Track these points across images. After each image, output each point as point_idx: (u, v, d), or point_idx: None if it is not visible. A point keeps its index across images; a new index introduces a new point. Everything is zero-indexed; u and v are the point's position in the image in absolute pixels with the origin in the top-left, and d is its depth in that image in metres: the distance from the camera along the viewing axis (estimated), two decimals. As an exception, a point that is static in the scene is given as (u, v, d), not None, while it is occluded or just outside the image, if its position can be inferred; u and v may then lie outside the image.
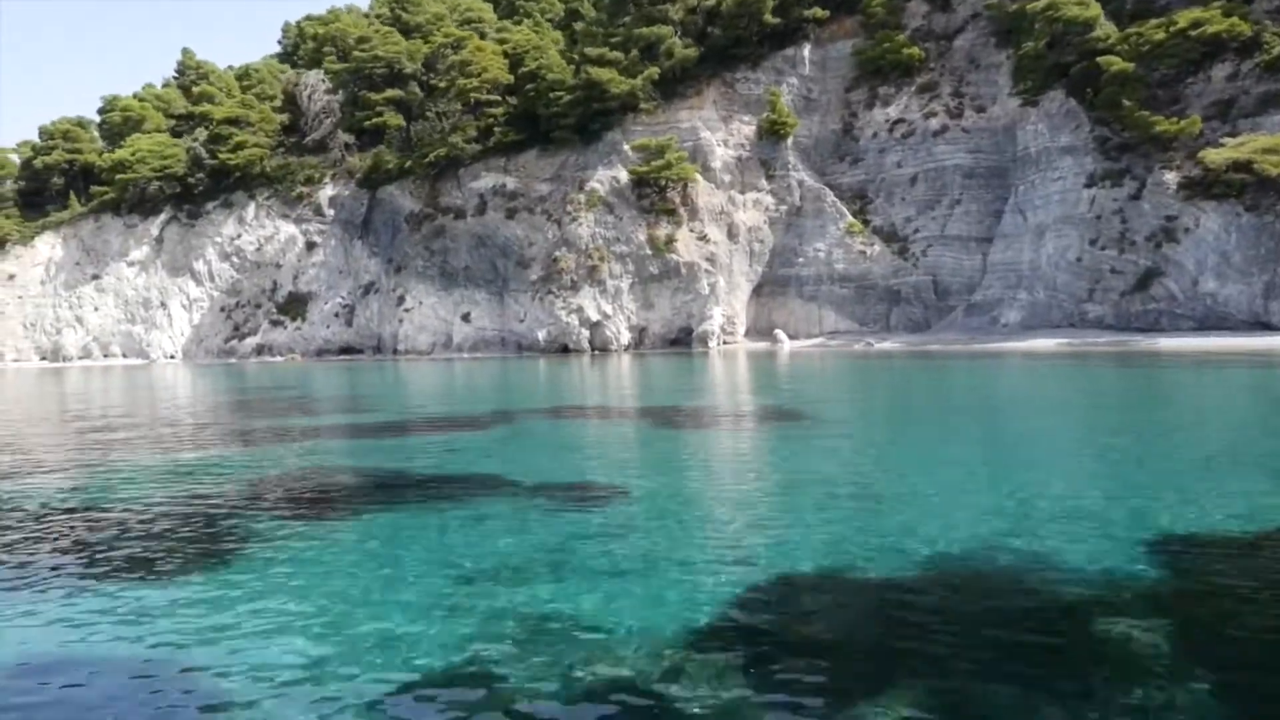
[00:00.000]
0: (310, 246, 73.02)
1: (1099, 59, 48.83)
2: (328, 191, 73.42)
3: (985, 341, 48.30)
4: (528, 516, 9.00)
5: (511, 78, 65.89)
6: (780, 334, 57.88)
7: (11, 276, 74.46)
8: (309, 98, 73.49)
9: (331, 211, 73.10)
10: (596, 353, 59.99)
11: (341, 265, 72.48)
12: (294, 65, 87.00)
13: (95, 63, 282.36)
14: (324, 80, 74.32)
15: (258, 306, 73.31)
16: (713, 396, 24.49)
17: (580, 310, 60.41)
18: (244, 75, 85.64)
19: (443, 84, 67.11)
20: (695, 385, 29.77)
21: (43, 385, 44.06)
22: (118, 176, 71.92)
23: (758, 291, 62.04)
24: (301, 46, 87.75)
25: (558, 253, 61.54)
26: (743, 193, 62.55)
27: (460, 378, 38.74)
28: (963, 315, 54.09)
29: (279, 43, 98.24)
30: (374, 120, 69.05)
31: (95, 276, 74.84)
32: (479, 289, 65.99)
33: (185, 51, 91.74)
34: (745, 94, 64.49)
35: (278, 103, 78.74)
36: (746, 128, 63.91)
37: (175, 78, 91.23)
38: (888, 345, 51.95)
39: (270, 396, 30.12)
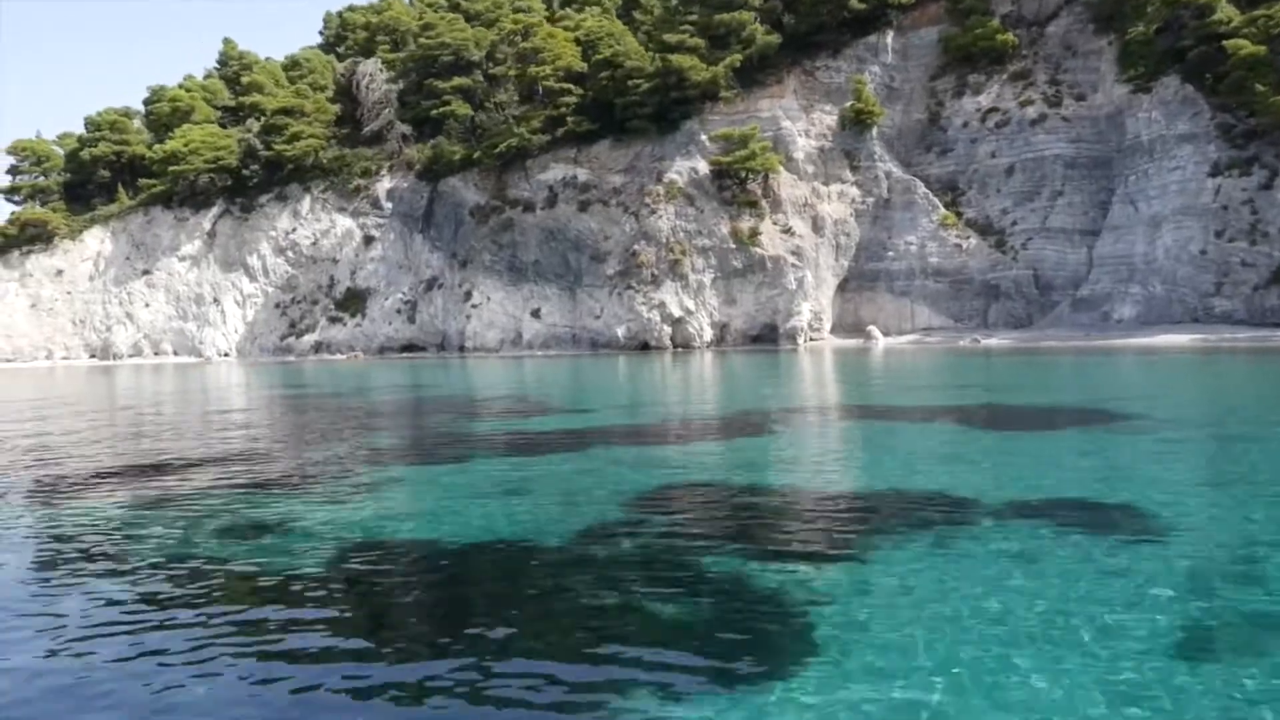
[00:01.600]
0: (368, 240, 70.82)
1: (1224, 43, 46.72)
2: (385, 184, 71.23)
3: (1102, 337, 46.19)
4: (1098, 554, 6.83)
5: (584, 65, 63.60)
6: (874, 330, 55.73)
7: (59, 272, 72.22)
8: (366, 87, 71.21)
9: (390, 204, 70.91)
10: (679, 350, 57.88)
11: (401, 260, 70.29)
12: (339, 55, 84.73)
13: (123, 57, 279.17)
14: (381, 69, 72.00)
15: (314, 303, 71.11)
16: (956, 395, 22.33)
17: (662, 306, 58.27)
18: (292, 66, 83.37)
19: (512, 72, 64.86)
20: (883, 382, 27.65)
21: (138, 384, 41.89)
22: (170, 168, 69.66)
23: (843, 287, 59.94)
24: (350, 36, 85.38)
25: (636, 246, 59.38)
26: (826, 184, 60.44)
27: (576, 376, 36.59)
28: (1069, 310, 51.98)
29: (320, 33, 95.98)
30: (440, 109, 66.77)
31: (146, 272, 72.60)
32: (549, 284, 63.81)
33: (227, 42, 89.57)
34: (826, 82, 62.41)
35: (329, 93, 76.53)
36: (828, 117, 61.82)
37: (217, 69, 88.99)
38: (995, 342, 49.88)
39: (424, 398, 27.96)
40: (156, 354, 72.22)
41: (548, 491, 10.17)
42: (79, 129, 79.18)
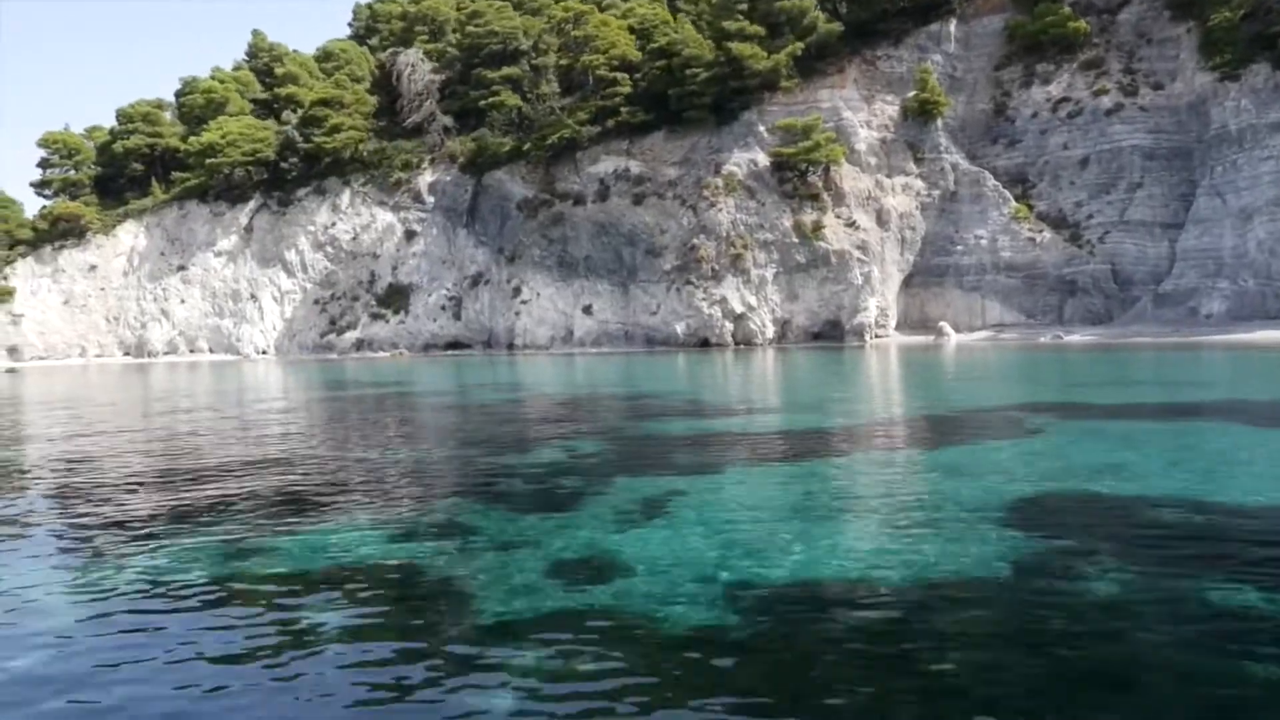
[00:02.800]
0: (410, 235, 69.01)
1: (1322, 27, 44.93)
2: (427, 177, 69.43)
3: (1191, 334, 44.39)
4: None
5: (639, 54, 61.78)
6: (945, 327, 53.94)
7: (93, 267, 70.39)
8: (409, 78, 69.35)
9: (432, 198, 69.10)
10: (740, 347, 56.10)
11: (444, 255, 68.48)
12: (370, 48, 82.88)
13: (146, 51, 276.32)
14: (422, 59, 70.16)
15: (355, 299, 69.29)
16: (1119, 392, 20.43)
17: (724, 301, 56.49)
18: (324, 57, 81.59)
19: (562, 61, 63.02)
20: (1029, 379, 25.83)
21: (191, 383, 40.06)
22: (207, 161, 67.83)
23: (907, 282, 58.17)
24: (385, 27, 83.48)
25: (695, 240, 57.57)
26: (889, 176, 58.64)
27: (681, 373, 34.76)
28: (1152, 306, 50.19)
29: (349, 25, 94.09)
30: (489, 100, 64.92)
31: (181, 267, 70.78)
32: (601, 279, 62.00)
33: (256, 34, 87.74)
34: (887, 72, 60.66)
35: (365, 85, 74.72)
36: (889, 108, 60.04)
37: (246, 61, 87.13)
38: (1076, 338, 48.09)
39: (553, 396, 26.15)
40: (192, 351, 70.41)
41: (906, 509, 8.32)
42: (99, 123, 77.22)
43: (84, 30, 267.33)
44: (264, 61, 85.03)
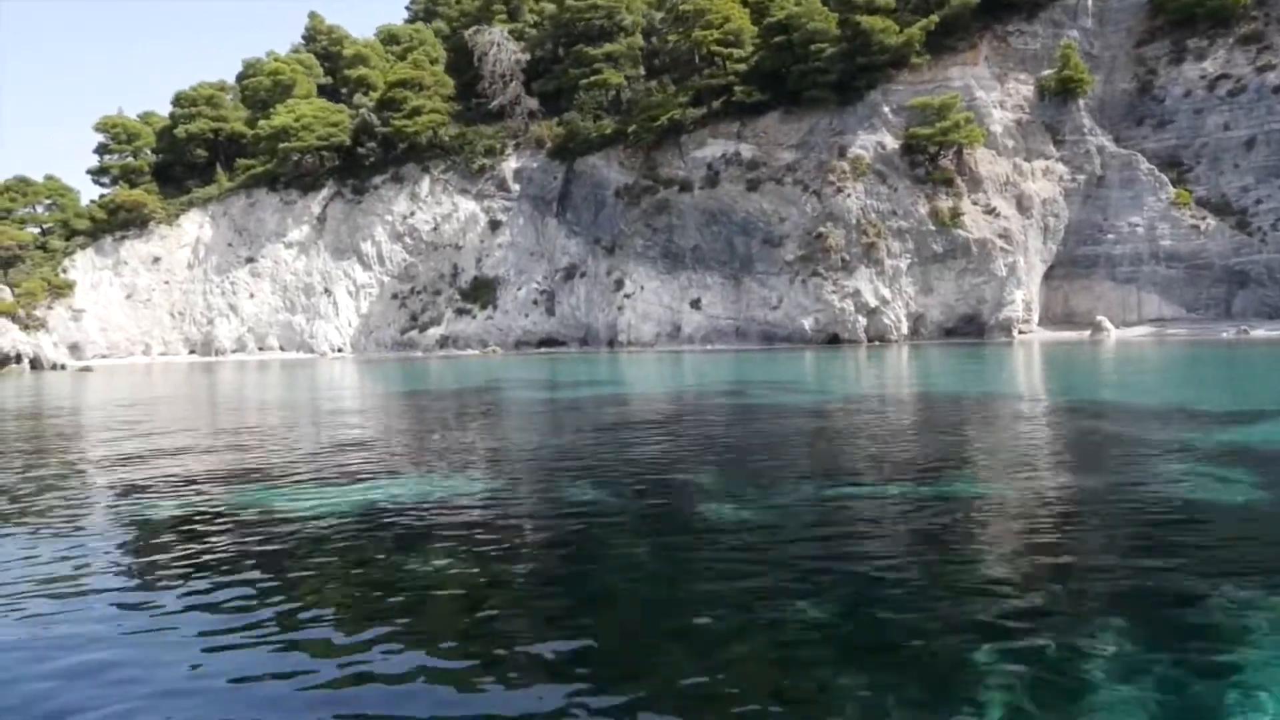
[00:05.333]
0: (494, 225, 64.79)
1: None
2: (512, 164, 65.23)
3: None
4: None
5: (755, 29, 57.59)
6: (1104, 322, 49.72)
7: (156, 260, 66.07)
8: (493, 58, 65.06)
9: (517, 186, 64.90)
10: (875, 344, 51.88)
11: (533, 246, 64.24)
12: (435, 29, 78.58)
13: (194, 36, 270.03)
14: (507, 37, 65.89)
15: (437, 293, 65.00)
16: None
17: (856, 294, 52.31)
18: (390, 39, 77.35)
19: (672, 37, 58.79)
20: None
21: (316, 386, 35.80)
22: (280, 145, 63.49)
23: (1048, 274, 54.03)
24: (450, 8, 79.07)
25: (822, 228, 53.37)
26: (1028, 160, 54.51)
27: (833, 373, 30.53)
28: (1339, 299, 46.09)
29: (407, 8, 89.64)
30: (591, 79, 60.65)
31: (249, 259, 66.48)
32: (710, 271, 57.76)
33: (313, 16, 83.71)
34: (1020, 49, 56.58)
35: (439, 66, 70.46)
36: (1024, 87, 55.95)
37: (304, 44, 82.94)
38: (1262, 334, 43.91)
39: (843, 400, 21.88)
40: (261, 349, 66.12)
41: None
42: (153, 109, 72.85)
43: (127, 17, 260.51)
44: (323, 45, 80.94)
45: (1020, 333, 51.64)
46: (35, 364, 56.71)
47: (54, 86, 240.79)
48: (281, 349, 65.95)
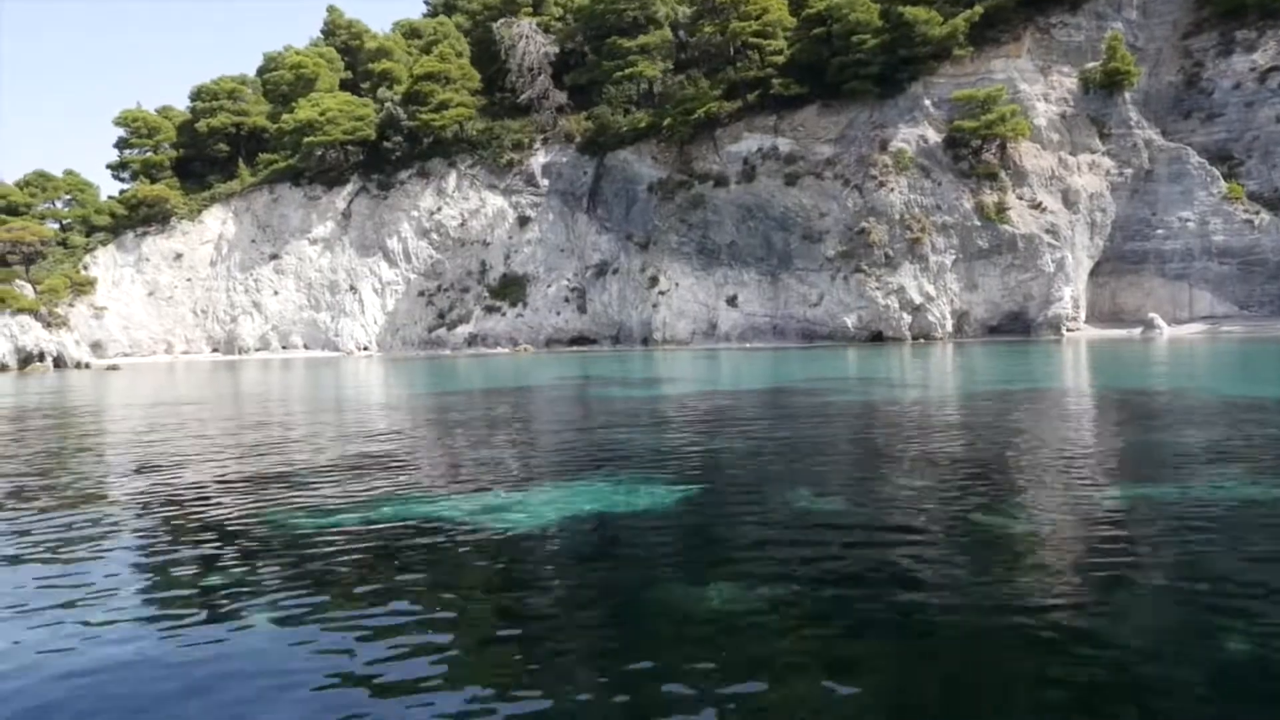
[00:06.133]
0: (523, 221, 63.65)
1: None
2: (540, 158, 64.08)
3: None
4: None
5: (794, 20, 56.48)
6: (1157, 319, 48.65)
7: (178, 256, 64.88)
8: (522, 50, 63.88)
9: (546, 181, 63.75)
10: (920, 341, 50.82)
11: (562, 242, 63.11)
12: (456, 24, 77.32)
13: (203, 33, 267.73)
14: (536, 29, 64.72)
15: (464, 290, 63.85)
16: None
17: (901, 291, 51.23)
18: (411, 33, 76.17)
19: (708, 28, 57.64)
20: None
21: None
22: (305, 140, 62.27)
23: (1094, 270, 52.98)
24: (472, 2, 77.79)
25: (865, 223, 52.27)
26: (1073, 154, 53.45)
27: (1007, 368, 29.41)
28: (1400, 295, 45.05)
29: (426, 1, 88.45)
30: (624, 72, 59.49)
31: (273, 256, 65.30)
32: (747, 268, 56.63)
33: (332, 9, 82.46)
34: (1064, 41, 55.44)
35: (464, 60, 69.24)
36: (1067, 80, 54.87)
37: (322, 39, 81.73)
38: (1324, 331, 42.89)
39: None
40: (285, 347, 64.97)
41: None
42: (170, 104, 71.53)
43: (140, 12, 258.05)
44: (342, 39, 79.74)
45: (1068, 330, 50.61)
46: (59, 362, 55.53)
47: (64, 82, 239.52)
48: (305, 347, 64.81)
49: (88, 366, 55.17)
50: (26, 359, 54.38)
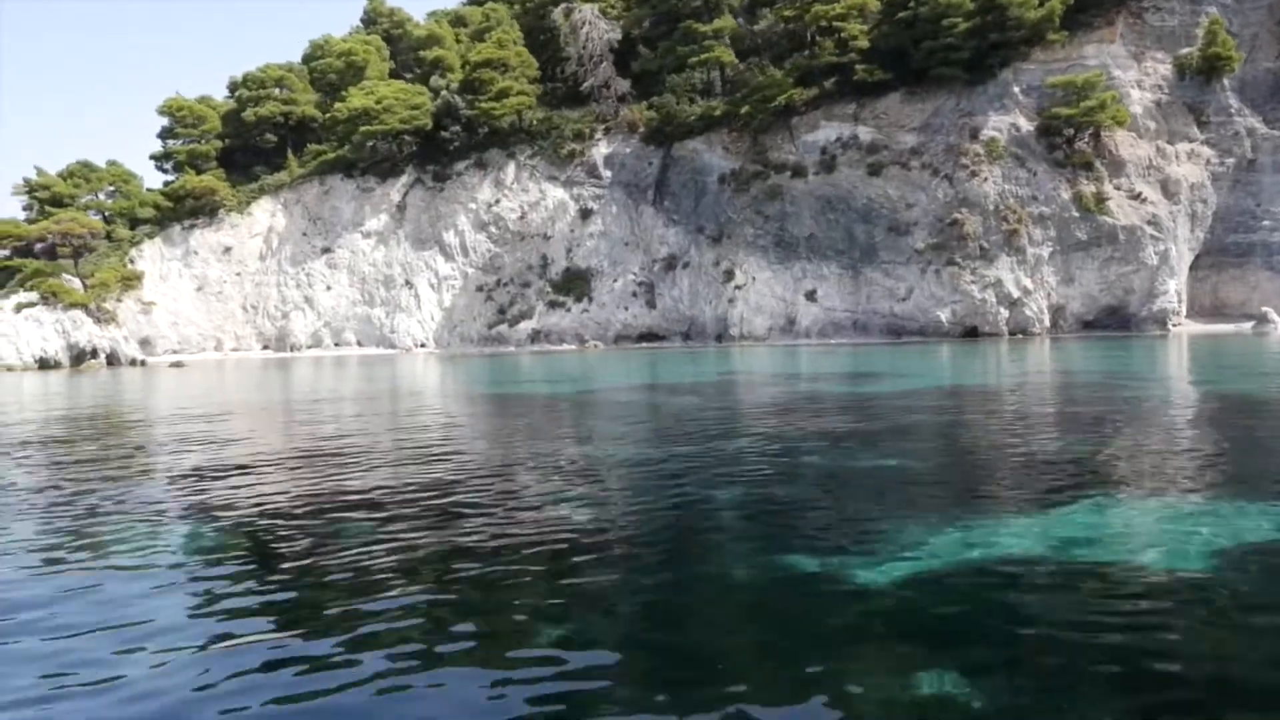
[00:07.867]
0: (585, 214, 61.40)
1: None
2: (602, 149, 61.84)
3: None
4: None
5: (877, 4, 54.42)
6: (1271, 314, 46.69)
7: (227, 250, 62.49)
8: (586, 36, 61.65)
9: (609, 172, 61.52)
10: (1018, 336, 48.79)
11: (627, 236, 60.89)
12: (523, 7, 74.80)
13: (240, 21, 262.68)
14: (600, 16, 62.48)
15: (525, 285, 61.59)
16: None
17: (998, 284, 49.18)
18: (457, 20, 73.84)
19: (787, 12, 55.53)
20: None
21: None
22: (361, 129, 59.95)
23: (1194, 264, 51.04)
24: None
25: (957, 214, 50.21)
26: (1171, 143, 51.48)
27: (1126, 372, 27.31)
28: None
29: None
30: (703, 56, 57.33)
31: (325, 250, 62.97)
32: (827, 261, 54.52)
33: (373, -1, 79.90)
34: (1157, 26, 53.46)
35: (521, 47, 66.97)
36: (1161, 66, 52.88)
37: (362, 28, 79.33)
38: None
39: None
40: (338, 344, 62.62)
41: None
42: (209, 93, 69.15)
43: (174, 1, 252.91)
44: (384, 28, 77.36)
45: (1173, 325, 48.64)
46: (111, 359, 53.13)
47: (98, 72, 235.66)
48: (359, 344, 62.50)
49: (144, 364, 52.80)
50: (79, 356, 52.00)
